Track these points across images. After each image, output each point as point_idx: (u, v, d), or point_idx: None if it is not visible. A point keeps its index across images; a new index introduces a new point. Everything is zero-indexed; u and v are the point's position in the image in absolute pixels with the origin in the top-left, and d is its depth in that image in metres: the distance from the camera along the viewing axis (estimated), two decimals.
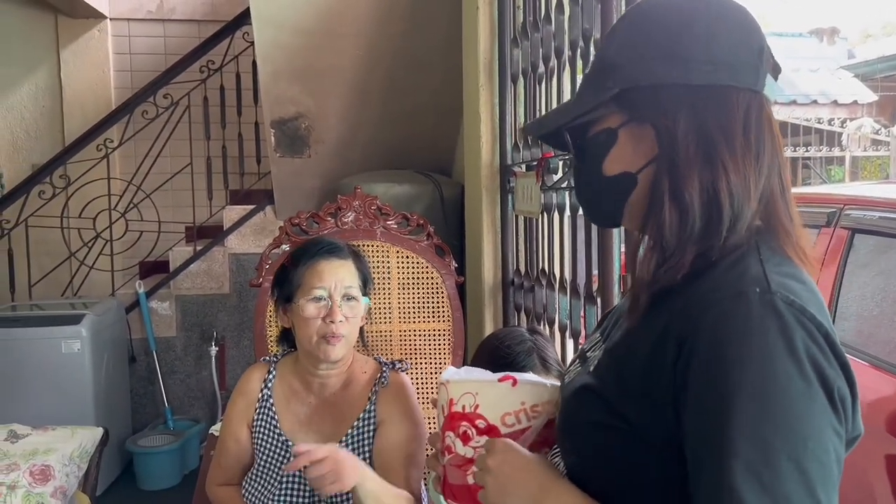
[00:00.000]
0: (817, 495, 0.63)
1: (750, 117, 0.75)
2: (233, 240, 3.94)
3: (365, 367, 1.53)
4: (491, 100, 2.35)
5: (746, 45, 0.76)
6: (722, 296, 0.69)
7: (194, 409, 3.97)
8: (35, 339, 3.23)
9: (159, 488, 3.44)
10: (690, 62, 0.74)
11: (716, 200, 0.73)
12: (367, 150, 3.58)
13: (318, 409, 1.50)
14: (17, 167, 4.49)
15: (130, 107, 3.94)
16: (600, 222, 0.96)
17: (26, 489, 2.08)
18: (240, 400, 1.53)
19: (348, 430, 1.46)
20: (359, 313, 1.45)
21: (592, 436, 0.77)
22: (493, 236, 2.40)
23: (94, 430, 2.40)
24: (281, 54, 3.15)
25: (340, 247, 1.48)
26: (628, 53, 0.77)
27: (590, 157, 0.81)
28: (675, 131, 0.74)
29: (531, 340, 1.35)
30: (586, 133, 0.81)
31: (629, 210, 0.81)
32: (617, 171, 0.79)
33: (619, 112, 0.78)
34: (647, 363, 0.72)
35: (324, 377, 1.49)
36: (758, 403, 0.64)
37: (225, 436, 1.54)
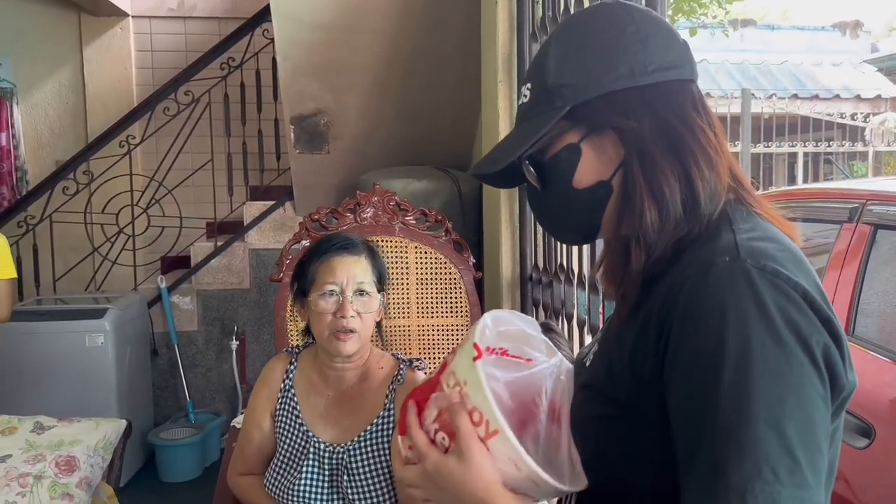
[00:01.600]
0: (796, 455, 0.63)
1: (698, 103, 0.79)
2: (253, 235, 3.98)
3: (381, 362, 1.54)
4: (510, 95, 2.35)
5: (674, 39, 0.80)
6: (695, 270, 0.70)
7: (215, 402, 4.02)
8: (59, 333, 3.29)
9: (181, 480, 3.49)
10: (635, 66, 0.77)
11: (692, 189, 0.75)
12: (385, 146, 3.59)
13: (336, 401, 1.51)
14: (41, 164, 4.56)
15: (152, 104, 3.98)
16: (577, 240, 0.93)
17: (52, 479, 2.12)
18: (263, 390, 1.56)
19: (367, 426, 1.46)
20: (372, 309, 1.46)
21: (596, 430, 0.78)
22: (511, 231, 2.40)
23: (118, 423, 2.44)
24: (300, 51, 3.17)
25: (355, 243, 1.49)
26: (570, 73, 0.78)
27: (556, 178, 0.81)
28: (642, 131, 0.76)
29: None
30: (543, 157, 0.82)
31: (607, 220, 0.81)
32: (590, 182, 0.79)
33: (575, 128, 0.79)
34: (634, 347, 0.74)
35: (340, 370, 1.50)
36: (733, 371, 0.65)
37: (248, 425, 1.56)
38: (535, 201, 0.87)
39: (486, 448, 0.73)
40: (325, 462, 1.46)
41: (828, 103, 8.19)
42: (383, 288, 1.50)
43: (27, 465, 2.14)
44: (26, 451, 2.20)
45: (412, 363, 1.54)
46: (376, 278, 1.48)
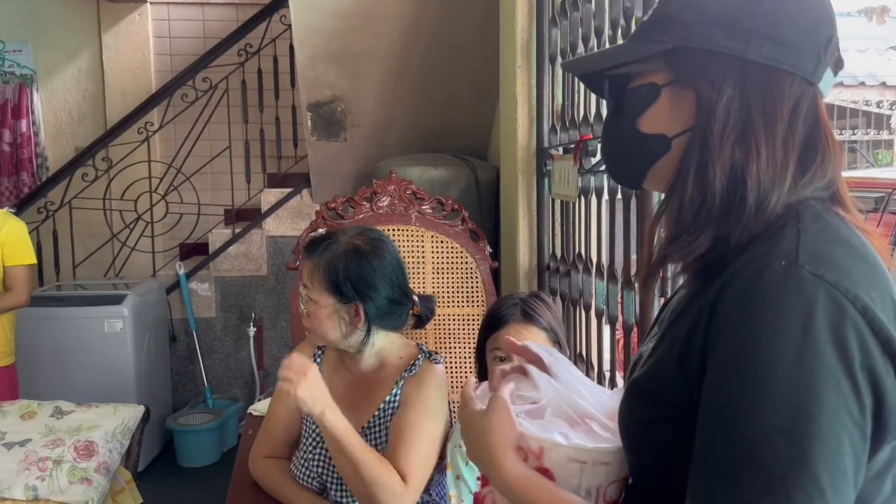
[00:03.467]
0: (819, 479, 0.59)
1: (800, 107, 0.72)
2: (270, 223, 3.98)
3: (402, 352, 1.55)
4: (528, 81, 2.31)
5: (815, 31, 0.72)
6: (749, 270, 0.66)
7: (233, 388, 4.04)
8: (79, 319, 3.32)
9: (199, 465, 3.52)
10: (752, 36, 0.70)
11: (741, 187, 0.70)
12: (402, 134, 3.57)
13: (352, 385, 1.54)
14: (61, 150, 4.59)
15: (170, 90, 3.99)
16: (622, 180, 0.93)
17: (71, 464, 2.14)
18: None
19: (374, 411, 1.49)
20: (318, 312, 1.44)
21: (645, 433, 0.75)
22: (529, 220, 2.38)
23: (136, 408, 2.46)
24: (318, 37, 3.15)
25: (314, 247, 1.48)
26: (691, 12, 0.74)
27: (626, 110, 0.78)
28: (715, 104, 0.71)
29: (520, 299, 1.50)
30: (626, 83, 0.78)
31: (655, 173, 0.78)
32: (653, 130, 0.76)
33: (666, 70, 0.75)
34: (683, 346, 0.70)
35: (353, 356, 1.52)
36: (762, 381, 0.62)
37: (275, 405, 1.59)
38: (606, 124, 0.84)
39: (514, 418, 0.81)
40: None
41: (853, 90, 8.04)
42: (346, 296, 1.44)
43: (46, 450, 2.17)
44: (46, 435, 2.22)
45: (431, 356, 1.54)
46: (325, 287, 1.44)
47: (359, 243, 1.46)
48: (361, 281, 1.43)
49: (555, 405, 0.84)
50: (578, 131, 1.99)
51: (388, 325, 1.50)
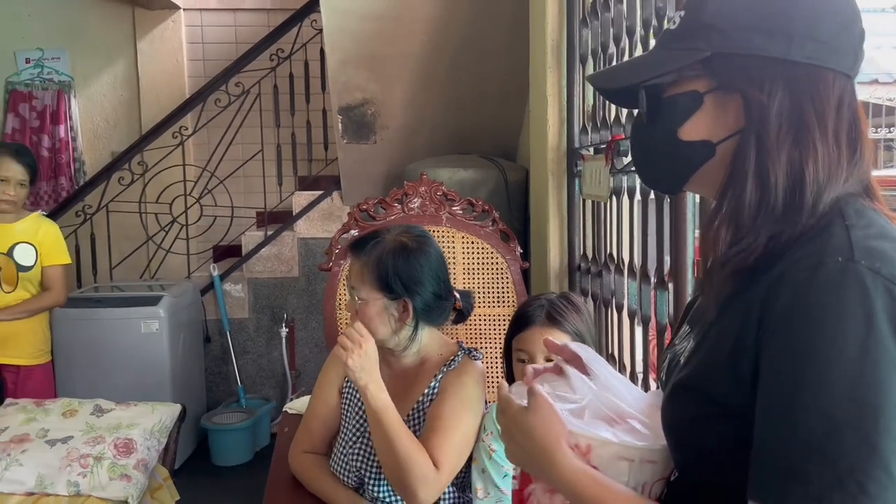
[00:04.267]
0: (890, 467, 0.60)
1: (843, 102, 0.73)
2: (301, 225, 4.03)
3: (442, 349, 1.58)
4: (559, 82, 2.32)
5: (850, 28, 0.74)
6: (802, 267, 0.67)
7: (265, 388, 4.10)
8: (116, 320, 3.39)
9: (232, 464, 3.57)
10: (794, 38, 0.71)
11: (800, 184, 0.71)
12: (431, 136, 3.59)
13: (393, 380, 1.56)
14: (97, 155, 4.69)
15: (204, 95, 4.05)
16: (659, 186, 0.92)
17: (111, 461, 2.19)
18: (333, 367, 1.63)
19: (413, 404, 1.52)
20: (368, 311, 1.47)
21: (693, 432, 0.75)
22: (559, 221, 2.38)
23: (173, 407, 2.50)
24: (348, 41, 3.18)
25: (361, 246, 1.51)
26: (727, 18, 0.74)
27: (665, 119, 0.78)
28: (769, 107, 0.72)
29: (548, 300, 1.47)
30: (662, 92, 0.78)
31: (697, 178, 0.79)
32: (695, 137, 0.76)
33: (706, 77, 0.75)
34: (735, 344, 0.70)
35: (393, 352, 1.55)
36: (826, 375, 0.62)
37: (315, 401, 1.63)
38: (636, 131, 0.84)
39: (557, 411, 0.80)
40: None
41: (888, 88, 7.88)
42: (395, 292, 1.47)
43: (87, 447, 2.22)
44: (87, 433, 2.28)
45: (471, 352, 1.56)
46: (374, 285, 1.47)
47: (405, 240, 1.50)
48: (409, 277, 1.46)
49: (594, 407, 0.84)
50: (610, 131, 1.99)
51: (433, 320, 1.53)
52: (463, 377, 1.50)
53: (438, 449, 1.40)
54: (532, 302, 1.51)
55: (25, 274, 2.67)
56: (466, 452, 1.46)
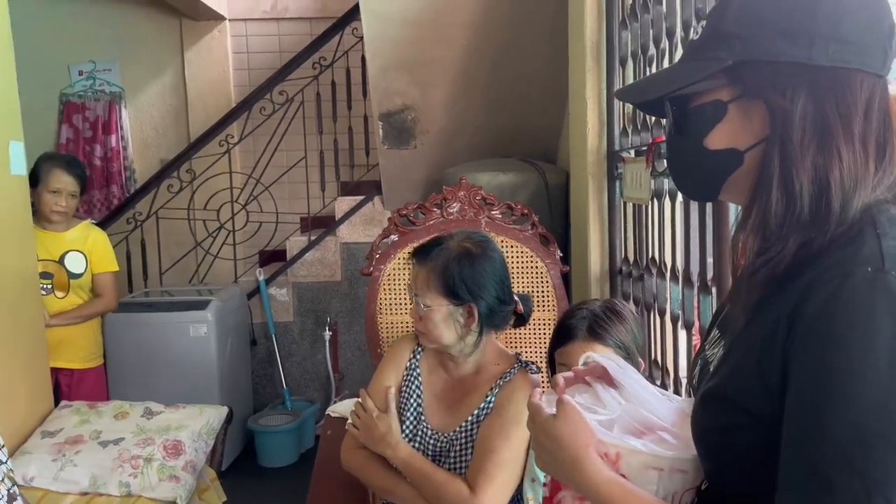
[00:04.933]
0: None
1: (872, 104, 0.71)
2: (344, 230, 4.08)
3: (500, 359, 1.58)
4: (598, 84, 2.30)
5: (877, 24, 0.71)
6: (831, 276, 0.66)
7: (310, 390, 4.15)
8: (166, 324, 3.47)
9: (278, 465, 3.63)
10: (816, 40, 0.70)
11: (826, 190, 0.70)
12: (471, 140, 3.60)
13: (451, 386, 1.58)
14: (147, 163, 4.83)
15: (249, 104, 4.14)
16: (694, 196, 0.92)
17: (160, 462, 2.25)
18: (391, 365, 1.64)
19: (468, 416, 1.52)
20: (433, 317, 1.49)
21: (722, 441, 0.74)
22: (600, 224, 2.36)
23: (220, 409, 2.56)
24: (388, 47, 3.21)
25: (425, 253, 1.52)
26: (747, 24, 0.73)
27: (691, 129, 0.77)
28: (791, 113, 0.70)
29: (590, 312, 1.44)
30: (688, 103, 0.78)
31: (729, 186, 0.78)
32: (722, 146, 0.76)
33: (730, 85, 0.74)
34: (763, 353, 0.69)
35: (455, 358, 1.56)
36: (855, 385, 0.61)
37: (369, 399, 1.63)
38: (669, 143, 0.84)
39: (585, 419, 0.81)
40: (429, 446, 1.54)
41: None
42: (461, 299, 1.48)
43: (138, 448, 2.28)
44: (137, 434, 2.34)
45: (527, 366, 1.56)
46: (440, 291, 1.48)
47: (469, 246, 1.51)
48: (474, 282, 1.48)
49: (622, 421, 0.83)
50: (651, 134, 1.97)
51: (496, 324, 1.54)
52: (517, 392, 1.49)
53: (481, 471, 1.42)
54: (574, 313, 1.47)
55: (76, 281, 2.76)
56: (518, 467, 1.45)
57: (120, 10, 4.71)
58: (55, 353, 2.66)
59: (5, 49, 2.38)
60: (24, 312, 2.39)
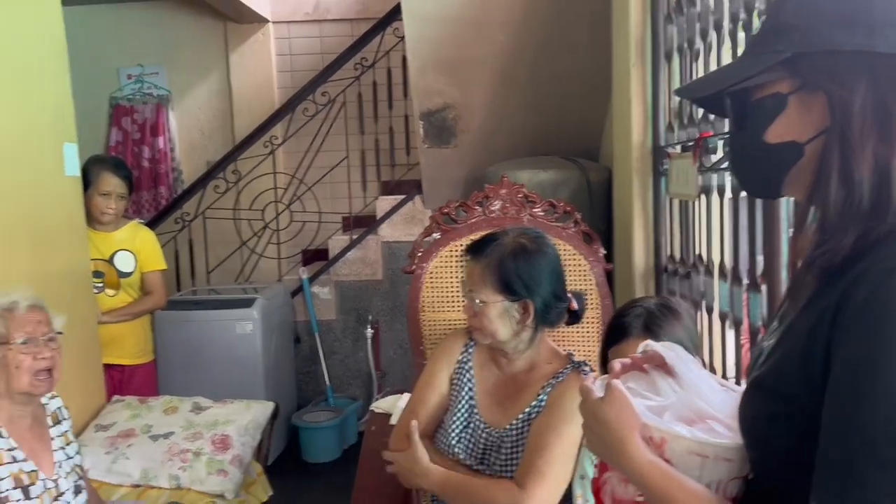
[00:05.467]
0: None
1: None
2: (385, 229, 4.11)
3: (552, 358, 1.57)
4: (643, 79, 2.27)
5: None
6: (881, 268, 0.65)
7: (352, 387, 4.19)
8: (213, 321, 3.55)
9: (321, 461, 3.68)
10: (875, 28, 0.69)
11: (887, 181, 0.69)
12: (511, 138, 3.59)
13: (503, 381, 1.58)
14: (194, 164, 4.92)
15: (292, 105, 4.20)
16: (756, 192, 0.91)
17: (209, 456, 2.30)
18: (443, 357, 1.65)
19: (520, 413, 1.52)
20: (489, 313, 1.49)
21: (765, 431, 0.74)
22: (645, 221, 2.33)
23: (267, 405, 2.60)
24: (429, 47, 3.22)
25: (480, 249, 1.52)
26: (806, 15, 0.72)
27: (751, 123, 0.77)
28: (851, 103, 0.70)
29: (645, 309, 1.40)
30: (748, 97, 0.77)
31: (791, 180, 0.77)
32: (782, 139, 0.75)
33: (789, 77, 0.74)
34: (807, 342, 0.69)
35: (508, 354, 1.56)
36: (890, 380, 0.61)
37: (423, 389, 1.64)
38: (730, 140, 0.85)
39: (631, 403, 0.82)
40: (480, 440, 1.55)
41: None
42: (516, 294, 1.48)
43: (187, 442, 2.34)
44: (186, 428, 2.40)
45: (580, 366, 1.55)
46: (495, 287, 1.48)
47: (524, 241, 1.51)
48: (530, 277, 1.48)
49: (676, 408, 0.83)
50: (697, 128, 1.93)
51: (551, 321, 1.54)
52: (569, 391, 1.48)
53: (532, 468, 1.42)
54: (629, 310, 1.44)
55: (126, 279, 2.83)
56: (568, 465, 1.45)
57: (167, 15, 4.82)
58: (107, 349, 2.73)
59: (60, 54, 2.46)
60: (78, 310, 2.46)
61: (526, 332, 1.51)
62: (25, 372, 1.66)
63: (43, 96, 2.36)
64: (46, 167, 2.38)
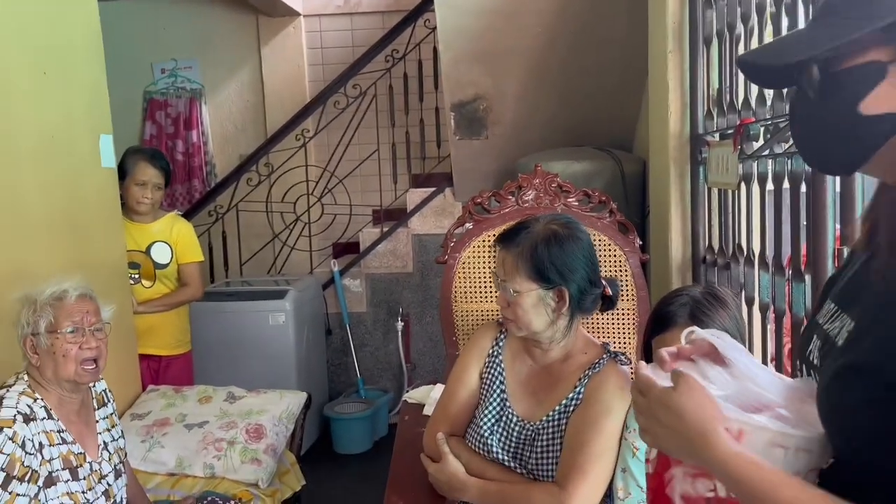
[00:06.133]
0: None
1: None
2: (415, 221, 4.10)
3: (588, 348, 1.54)
4: (681, 65, 2.22)
5: None
6: None
7: (382, 380, 4.20)
8: (246, 312, 3.58)
9: (353, 452, 3.69)
10: None
11: None
12: (543, 130, 3.55)
13: (537, 372, 1.55)
14: (227, 158, 4.97)
15: (324, 98, 4.21)
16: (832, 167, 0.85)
17: (243, 445, 2.31)
18: (474, 351, 1.63)
19: (557, 405, 1.49)
20: (523, 302, 1.45)
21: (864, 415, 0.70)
22: (682, 211, 2.28)
23: (300, 395, 2.61)
24: (461, 38, 3.20)
25: (511, 238, 1.49)
26: None
27: (842, 93, 0.72)
28: None
29: (691, 297, 1.37)
30: (835, 65, 0.72)
31: (881, 156, 0.72)
32: (880, 110, 0.70)
33: (887, 45, 0.70)
34: None
35: (542, 345, 1.53)
36: None
37: (454, 384, 1.62)
38: (800, 112, 0.78)
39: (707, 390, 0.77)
40: (513, 434, 1.52)
41: None
42: (551, 282, 1.45)
43: (221, 431, 2.35)
44: (220, 418, 2.41)
45: (616, 356, 1.52)
46: (529, 276, 1.45)
47: (556, 228, 1.48)
48: (564, 264, 1.45)
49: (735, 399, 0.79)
50: (738, 115, 1.89)
51: (586, 308, 1.51)
52: (606, 383, 1.45)
53: (573, 466, 1.39)
54: (673, 299, 1.41)
55: (162, 271, 2.86)
56: (610, 460, 1.42)
57: (199, 9, 4.85)
58: (144, 339, 2.77)
59: (97, 48, 2.49)
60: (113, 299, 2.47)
61: (561, 320, 1.48)
62: (72, 360, 1.68)
63: (79, 88, 2.39)
64: (83, 158, 2.41)
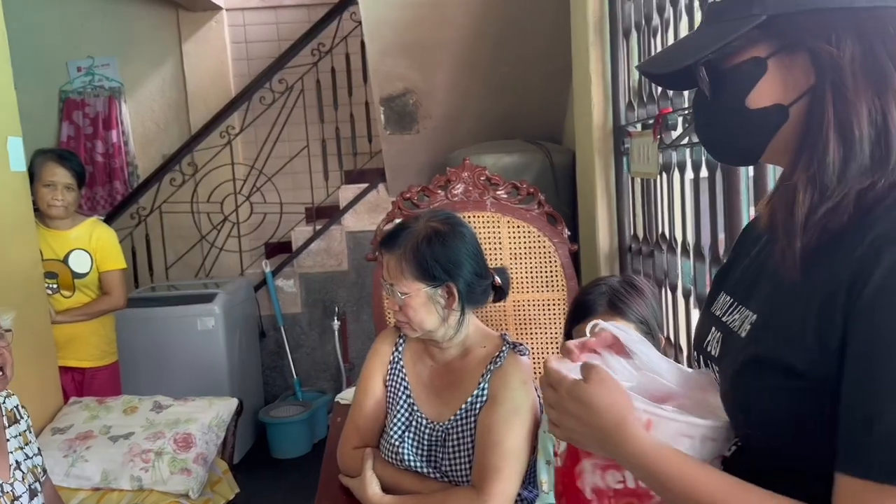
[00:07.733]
0: None
1: None
2: (349, 218, 4.05)
3: (485, 340, 1.54)
4: (602, 58, 2.25)
5: None
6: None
7: (320, 381, 4.14)
8: (173, 318, 3.46)
9: (291, 456, 3.62)
10: None
11: (885, 132, 0.68)
12: (475, 123, 3.56)
13: (439, 372, 1.55)
14: (149, 158, 4.80)
15: (249, 94, 4.11)
16: (734, 160, 0.89)
17: (171, 455, 2.24)
18: (375, 360, 1.62)
19: (462, 404, 1.49)
20: (413, 303, 1.45)
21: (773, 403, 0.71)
22: (608, 201, 2.32)
23: (230, 401, 2.54)
24: (387, 30, 3.16)
25: (392, 240, 1.48)
26: None
27: (730, 90, 0.75)
28: (840, 59, 0.69)
29: (609, 287, 1.40)
30: (721, 65, 0.76)
31: (774, 145, 0.75)
32: (766, 103, 0.73)
33: (765, 41, 0.73)
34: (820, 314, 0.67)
35: (439, 344, 1.53)
36: None
37: (360, 396, 1.61)
38: (700, 110, 0.81)
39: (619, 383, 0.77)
40: (424, 437, 1.51)
41: None
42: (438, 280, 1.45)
43: (148, 442, 2.27)
44: (147, 428, 2.33)
45: (516, 347, 1.52)
46: (415, 276, 1.44)
47: (436, 225, 1.47)
48: (448, 260, 1.44)
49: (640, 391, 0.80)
50: (657, 105, 1.92)
51: (476, 300, 1.51)
52: (510, 379, 1.46)
53: (487, 466, 1.39)
54: (592, 289, 1.43)
55: (81, 280, 2.72)
56: (524, 455, 1.42)
57: (117, 4, 4.67)
58: (65, 351, 2.64)
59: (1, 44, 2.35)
60: (29, 310, 2.37)
61: (453, 316, 1.48)
62: None
63: None
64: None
